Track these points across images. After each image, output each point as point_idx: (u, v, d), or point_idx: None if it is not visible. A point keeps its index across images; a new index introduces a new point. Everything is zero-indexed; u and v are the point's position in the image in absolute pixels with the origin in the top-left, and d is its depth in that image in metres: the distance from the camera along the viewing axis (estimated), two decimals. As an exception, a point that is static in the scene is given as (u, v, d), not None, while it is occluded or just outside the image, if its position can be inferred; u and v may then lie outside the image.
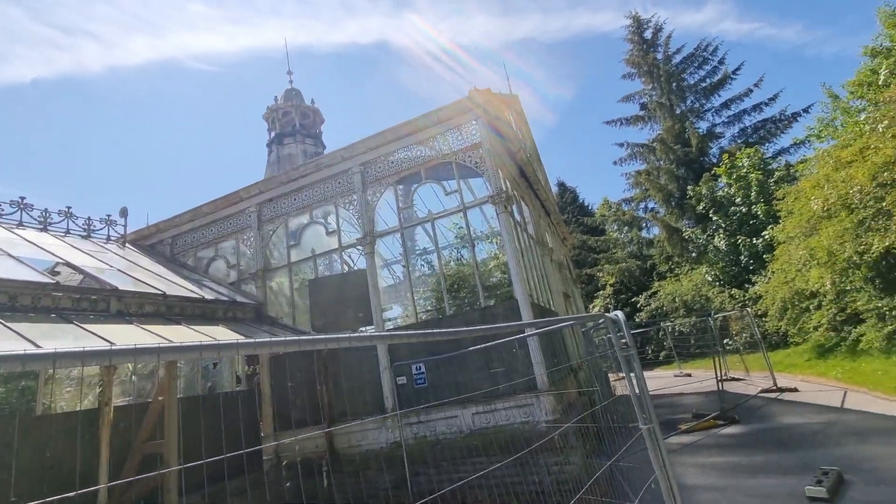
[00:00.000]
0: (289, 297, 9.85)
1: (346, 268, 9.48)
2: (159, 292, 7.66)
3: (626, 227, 34.75)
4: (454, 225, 9.32)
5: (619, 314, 4.36)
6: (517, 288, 7.68)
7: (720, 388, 10.34)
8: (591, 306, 32.42)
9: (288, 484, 8.45)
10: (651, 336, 27.15)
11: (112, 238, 11.20)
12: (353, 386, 8.66)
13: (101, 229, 11.02)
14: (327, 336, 2.16)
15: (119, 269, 8.35)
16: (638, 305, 29.24)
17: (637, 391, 4.09)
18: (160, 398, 6.06)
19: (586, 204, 40.70)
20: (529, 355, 7.39)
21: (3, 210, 9.29)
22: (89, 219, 10.76)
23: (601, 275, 32.59)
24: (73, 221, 10.48)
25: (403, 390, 8.27)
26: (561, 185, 41.11)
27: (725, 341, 22.22)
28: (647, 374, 22.88)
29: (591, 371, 11.64)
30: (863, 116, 14.53)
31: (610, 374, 20.60)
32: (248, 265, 10.37)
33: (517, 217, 10.71)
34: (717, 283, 24.00)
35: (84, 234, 10.60)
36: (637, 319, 28.76)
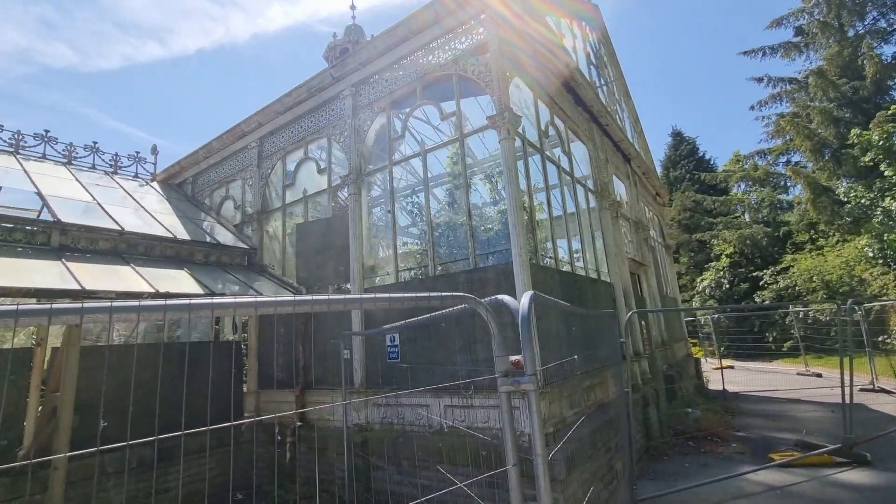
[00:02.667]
0: (281, 244, 8.75)
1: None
2: (115, 228, 6.96)
3: (757, 186, 28.25)
4: (451, 161, 7.19)
5: (507, 299, 2.27)
6: (513, 245, 5.46)
7: (847, 402, 7.00)
8: (698, 280, 27.44)
9: (260, 449, 7.63)
10: (775, 321, 22.02)
11: (141, 176, 11.13)
12: (326, 351, 7.37)
13: (129, 166, 10.97)
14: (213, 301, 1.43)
15: (100, 203, 7.89)
16: (761, 282, 23.84)
17: (506, 413, 2.03)
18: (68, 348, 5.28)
19: (707, 158, 34.03)
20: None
21: (26, 142, 9.43)
22: (116, 155, 10.71)
23: (716, 242, 27.14)
24: (100, 157, 10.49)
25: (376, 364, 6.73)
26: (677, 134, 34.80)
27: (882, 339, 16.81)
28: (762, 366, 18.51)
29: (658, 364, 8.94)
30: None
31: (707, 359, 16.91)
32: (249, 206, 9.46)
33: (561, 157, 8.12)
34: (881, 261, 18.05)
35: (111, 170, 10.59)
36: (759, 299, 23.50)
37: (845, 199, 20.00)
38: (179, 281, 6.74)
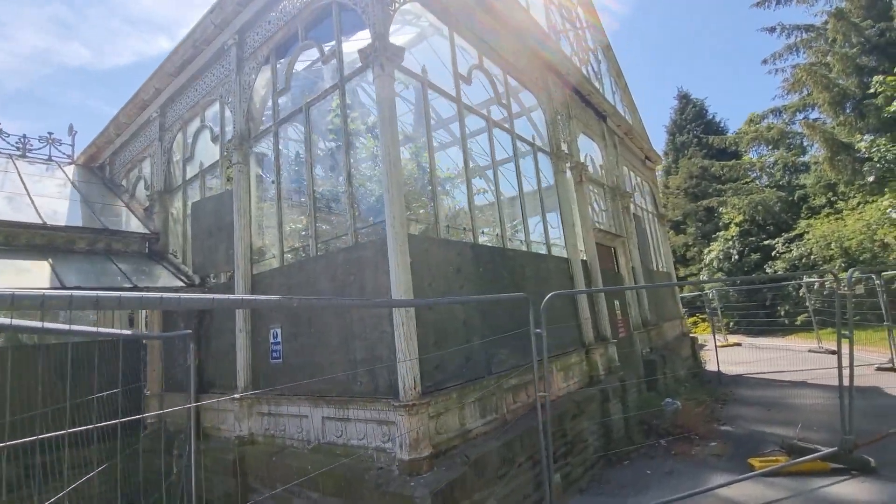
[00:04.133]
0: (183, 226, 7.64)
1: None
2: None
3: (771, 147, 26.01)
4: (333, 114, 5.87)
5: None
6: (387, 212, 4.20)
7: (847, 392, 5.62)
8: (706, 251, 25.62)
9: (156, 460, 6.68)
10: (788, 293, 20.27)
11: (56, 159, 10.11)
12: (219, 349, 6.30)
13: (41, 148, 9.95)
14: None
15: (-36, 188, 6.88)
16: (774, 252, 21.98)
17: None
18: None
19: (717, 120, 31.63)
20: (395, 335, 4.05)
21: None
22: (24, 136, 9.69)
23: (724, 210, 25.19)
24: (4, 139, 9.49)
25: (262, 365, 5.62)
26: (683, 96, 32.36)
27: (906, 309, 15.02)
28: (772, 342, 16.91)
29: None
30: None
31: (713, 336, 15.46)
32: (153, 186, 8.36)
33: (494, 109, 6.73)
34: (906, 223, 16.13)
35: (18, 153, 9.59)
36: (771, 270, 21.70)
37: (867, 156, 17.92)
38: (29, 274, 5.69)
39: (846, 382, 5.63)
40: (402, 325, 3.95)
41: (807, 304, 19.39)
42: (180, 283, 6.76)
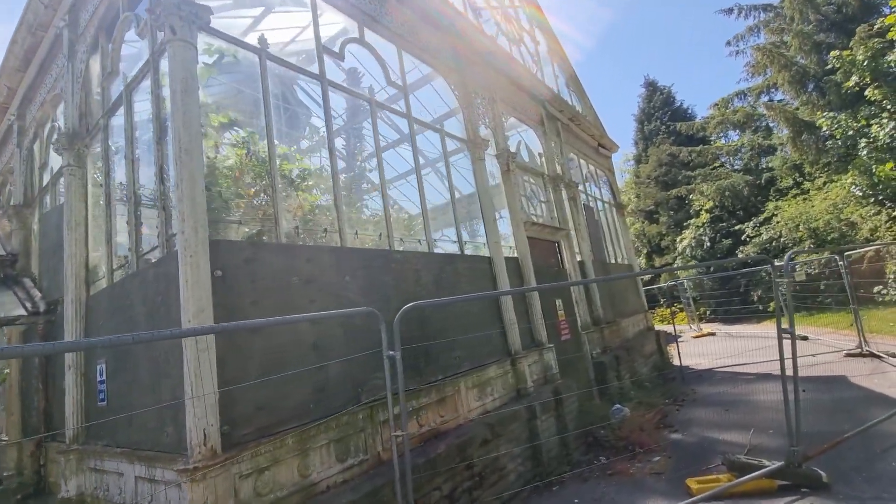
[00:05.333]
0: (40, 244, 6.60)
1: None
2: None
3: (738, 131, 25.60)
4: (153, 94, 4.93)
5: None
6: (176, 214, 3.26)
7: (792, 397, 4.80)
8: (678, 239, 25.06)
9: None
10: (761, 279, 19.70)
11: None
12: (62, 389, 5.27)
13: None
14: None
15: None
16: (744, 237, 21.45)
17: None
18: None
19: (685, 107, 31.18)
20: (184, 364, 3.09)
21: None
22: None
23: (694, 197, 24.65)
24: None
25: (93, 409, 4.63)
26: (650, 84, 31.89)
27: (878, 289, 14.51)
28: (745, 330, 16.17)
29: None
30: None
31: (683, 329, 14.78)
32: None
33: (377, 88, 5.82)
34: (871, 200, 15.62)
35: None
36: (742, 253, 21.14)
37: (829, 133, 17.43)
38: None
39: (791, 389, 4.82)
40: (193, 360, 3.00)
41: (781, 289, 18.91)
42: (23, 313, 5.72)
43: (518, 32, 10.35)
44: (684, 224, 25.32)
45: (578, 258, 10.13)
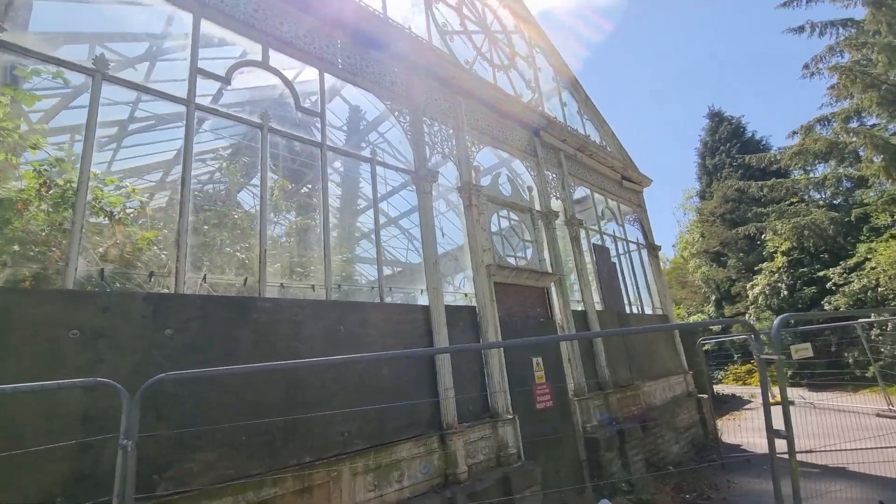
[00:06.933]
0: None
1: None
2: None
3: (820, 162, 22.20)
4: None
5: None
6: None
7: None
8: (748, 286, 21.66)
9: None
10: (856, 337, 16.15)
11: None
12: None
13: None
14: None
15: None
16: (829, 285, 17.94)
17: None
18: None
19: (757, 139, 27.97)
20: None
21: None
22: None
23: (767, 237, 21.38)
24: None
25: None
26: (715, 115, 29.21)
27: None
28: (835, 399, 12.95)
29: None
30: None
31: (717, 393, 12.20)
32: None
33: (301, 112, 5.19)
34: None
35: None
36: (829, 306, 17.60)
37: (933, 160, 14.26)
38: None
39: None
40: None
41: (883, 349, 15.38)
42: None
43: (510, 57, 9.51)
44: (756, 268, 21.95)
45: (579, 307, 8.60)
